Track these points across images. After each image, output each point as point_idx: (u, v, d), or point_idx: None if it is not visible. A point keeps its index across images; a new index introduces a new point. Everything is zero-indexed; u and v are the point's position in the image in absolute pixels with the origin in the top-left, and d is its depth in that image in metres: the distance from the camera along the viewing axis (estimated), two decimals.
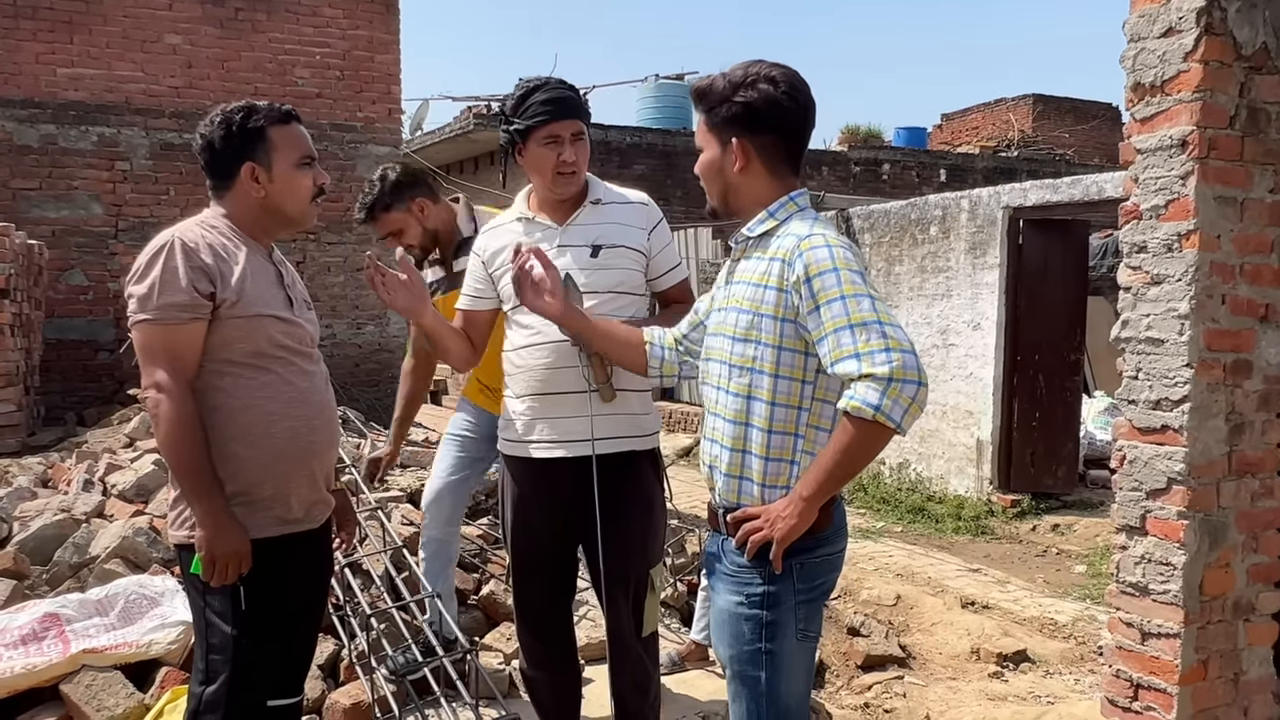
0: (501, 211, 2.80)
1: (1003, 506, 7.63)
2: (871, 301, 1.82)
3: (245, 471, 2.12)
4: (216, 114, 2.20)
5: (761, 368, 1.95)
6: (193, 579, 2.12)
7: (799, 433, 1.94)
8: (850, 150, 15.35)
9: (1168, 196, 2.43)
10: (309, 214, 2.29)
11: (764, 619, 1.95)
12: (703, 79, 2.04)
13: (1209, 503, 2.45)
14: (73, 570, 3.61)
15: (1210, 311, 2.42)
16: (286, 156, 2.20)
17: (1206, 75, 2.34)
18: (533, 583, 2.65)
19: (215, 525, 2.04)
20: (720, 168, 2.01)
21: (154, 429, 2.11)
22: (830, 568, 2.03)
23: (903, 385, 1.76)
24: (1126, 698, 2.56)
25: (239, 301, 2.11)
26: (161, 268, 2.06)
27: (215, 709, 2.11)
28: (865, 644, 4.69)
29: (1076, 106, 19.13)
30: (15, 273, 6.61)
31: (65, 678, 2.87)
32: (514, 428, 2.58)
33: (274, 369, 2.16)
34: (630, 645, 2.59)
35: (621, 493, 2.50)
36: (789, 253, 1.90)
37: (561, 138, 2.47)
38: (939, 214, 8.26)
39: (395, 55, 9.65)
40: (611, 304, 2.51)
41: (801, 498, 1.88)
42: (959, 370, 8.03)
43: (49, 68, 8.48)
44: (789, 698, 1.99)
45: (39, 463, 5.71)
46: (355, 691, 3.07)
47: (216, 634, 2.12)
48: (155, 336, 2.07)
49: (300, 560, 2.24)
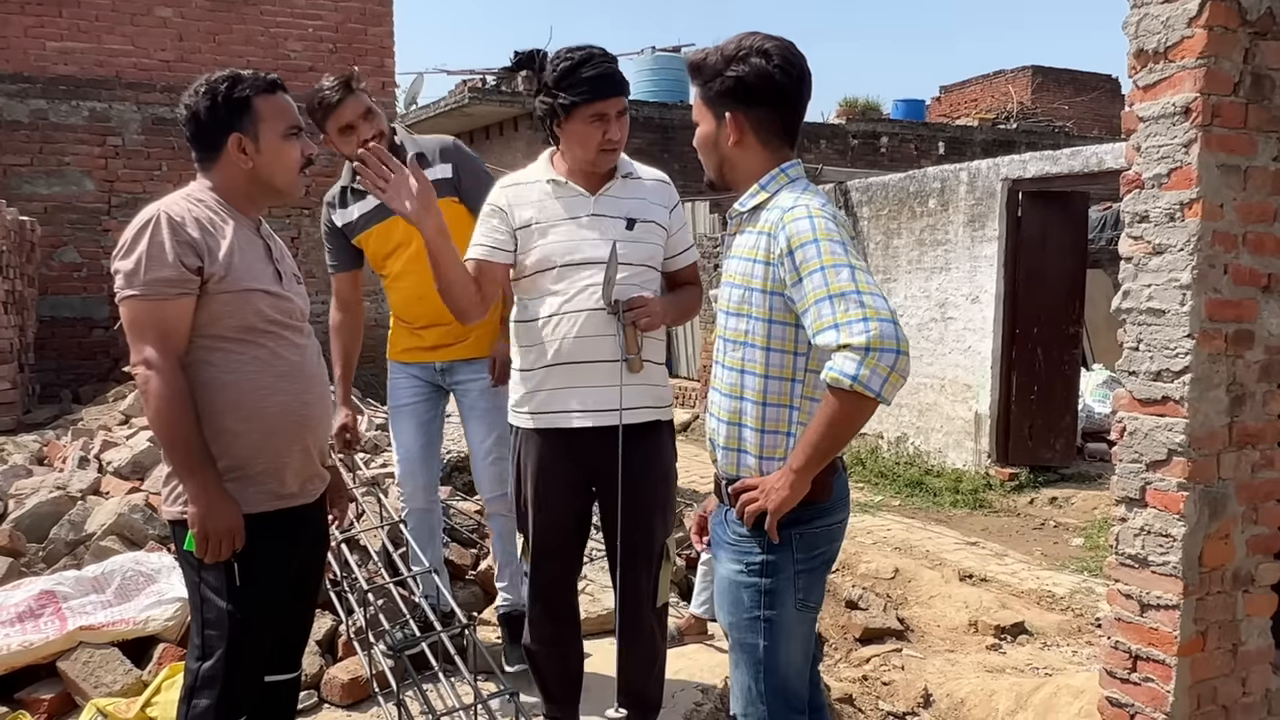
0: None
1: (1001, 480, 7.64)
2: (851, 271, 1.81)
3: (237, 446, 2.10)
4: (201, 84, 2.15)
5: (753, 341, 1.97)
6: (186, 555, 2.10)
7: (793, 404, 1.97)
8: (848, 123, 15.25)
9: (1170, 165, 2.40)
10: (297, 185, 2.25)
11: (763, 587, 1.99)
12: (697, 52, 2.03)
13: (1209, 474, 2.44)
14: (69, 547, 3.60)
15: (1212, 281, 2.40)
16: (273, 127, 2.16)
17: (1211, 41, 2.31)
18: (552, 561, 2.62)
19: (207, 501, 2.02)
20: (716, 141, 2.01)
21: (144, 405, 2.08)
22: (830, 538, 2.05)
23: (880, 354, 1.76)
24: (1125, 669, 2.56)
25: (227, 276, 2.08)
26: (148, 242, 2.03)
27: (212, 684, 2.10)
28: (864, 617, 4.70)
29: (1076, 78, 19.00)
30: (7, 250, 6.56)
31: (63, 655, 2.87)
32: (534, 400, 2.53)
33: (264, 343, 2.13)
34: (645, 616, 2.60)
35: (647, 462, 2.52)
36: (773, 226, 1.92)
37: (608, 115, 2.44)
38: (937, 186, 8.22)
39: (389, 28, 9.55)
40: (641, 277, 2.51)
41: (792, 470, 1.90)
42: (957, 343, 8.01)
43: (38, 41, 8.39)
44: (787, 667, 2.02)
45: (34, 440, 5.69)
46: (353, 666, 3.07)
47: (212, 609, 2.11)
48: (143, 312, 2.04)
49: (295, 535, 2.23)
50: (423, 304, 3.03)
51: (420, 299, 3.04)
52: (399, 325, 3.23)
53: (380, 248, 3.16)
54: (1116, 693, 2.59)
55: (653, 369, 2.55)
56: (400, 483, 3.30)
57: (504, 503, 3.22)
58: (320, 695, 3.04)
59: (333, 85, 2.97)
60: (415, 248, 3.04)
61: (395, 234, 3.10)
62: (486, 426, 3.17)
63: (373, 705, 3.00)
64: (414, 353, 3.20)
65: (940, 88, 20.47)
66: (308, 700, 2.97)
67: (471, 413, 3.19)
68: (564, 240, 2.48)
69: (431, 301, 3.01)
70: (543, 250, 2.49)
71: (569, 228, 2.49)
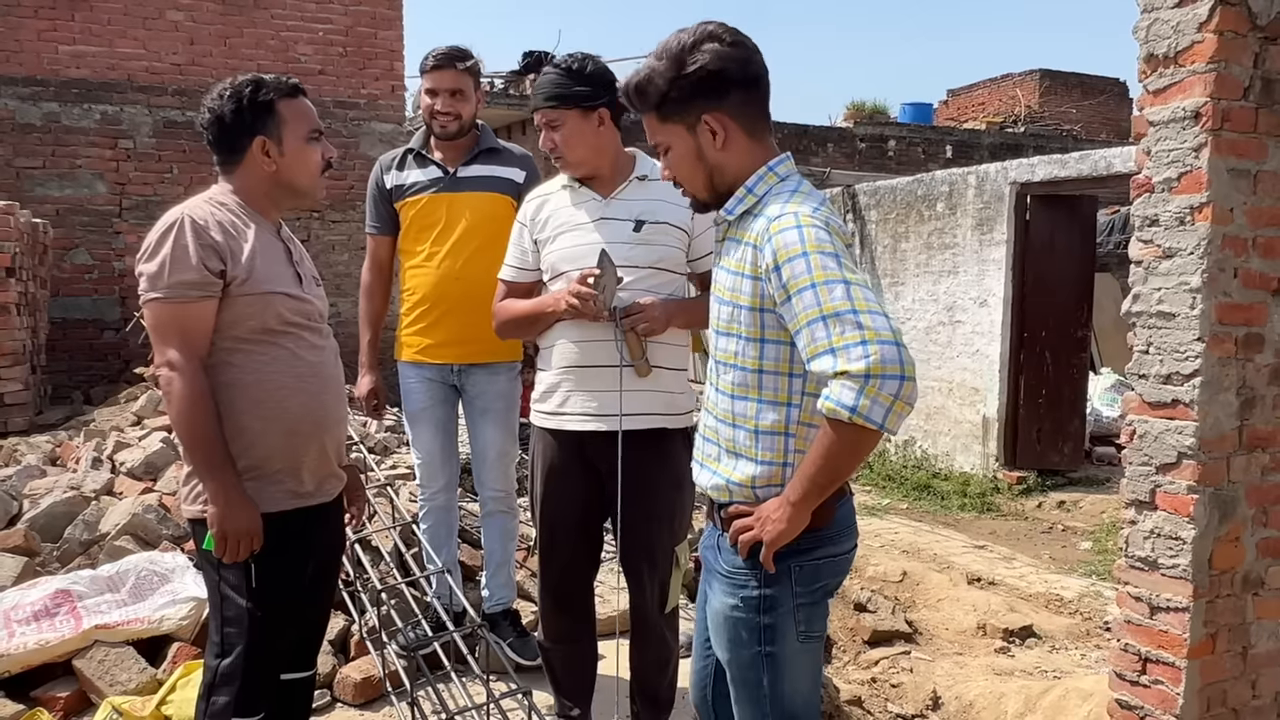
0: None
1: (1009, 483, 7.64)
2: (846, 288, 1.63)
3: (258, 445, 2.13)
4: (225, 87, 2.18)
5: (744, 364, 1.81)
6: (206, 553, 2.13)
7: (789, 431, 1.80)
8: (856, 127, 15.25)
9: (1180, 169, 2.41)
10: (318, 187, 2.29)
11: (762, 624, 1.84)
12: (631, 77, 1.84)
13: (1219, 477, 2.45)
14: (83, 547, 3.63)
15: (1222, 285, 2.40)
16: (296, 130, 2.20)
17: (1220, 46, 2.32)
18: (559, 556, 2.66)
19: (227, 502, 2.05)
20: (699, 154, 1.83)
21: (166, 406, 2.12)
22: (834, 570, 1.88)
23: (882, 381, 1.58)
24: (1134, 671, 2.57)
25: (249, 279, 2.11)
26: (172, 245, 2.06)
27: (231, 681, 2.13)
28: (872, 620, 4.71)
29: (1084, 82, 18.96)
30: (20, 251, 6.60)
31: (78, 653, 2.89)
32: (549, 400, 2.59)
33: (284, 344, 2.16)
34: (654, 621, 2.62)
35: (650, 469, 2.52)
36: (759, 236, 1.74)
37: (544, 125, 2.52)
38: (946, 190, 8.22)
39: (398, 31, 9.58)
40: (650, 280, 2.51)
41: (789, 502, 1.74)
42: (965, 347, 8.02)
43: (51, 45, 8.43)
44: (795, 699, 1.87)
45: (47, 441, 5.72)
46: (366, 666, 3.09)
47: (232, 607, 2.14)
48: (167, 314, 2.07)
49: (312, 534, 2.25)
50: (458, 284, 3.09)
51: (456, 279, 3.10)
52: (413, 318, 3.22)
53: (420, 220, 3.17)
54: (1126, 695, 2.60)
55: (666, 375, 2.54)
56: (421, 484, 3.33)
57: (506, 500, 3.25)
58: (333, 694, 3.06)
59: (439, 53, 3.11)
60: (459, 232, 3.12)
61: (439, 211, 3.14)
62: (498, 428, 3.20)
63: (385, 704, 3.02)
64: (429, 351, 3.20)
65: (948, 91, 20.45)
66: (320, 699, 2.98)
67: (485, 415, 3.21)
68: (570, 247, 2.53)
69: (463, 286, 3.05)
70: (552, 257, 2.56)
71: (577, 234, 2.53)
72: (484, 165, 3.17)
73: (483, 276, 2.89)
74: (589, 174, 2.56)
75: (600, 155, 2.54)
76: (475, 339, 3.10)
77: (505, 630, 3.25)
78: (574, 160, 2.53)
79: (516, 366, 3.27)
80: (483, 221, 3.11)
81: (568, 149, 2.51)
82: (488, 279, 2.76)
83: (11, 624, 2.92)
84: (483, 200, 3.14)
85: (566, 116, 2.49)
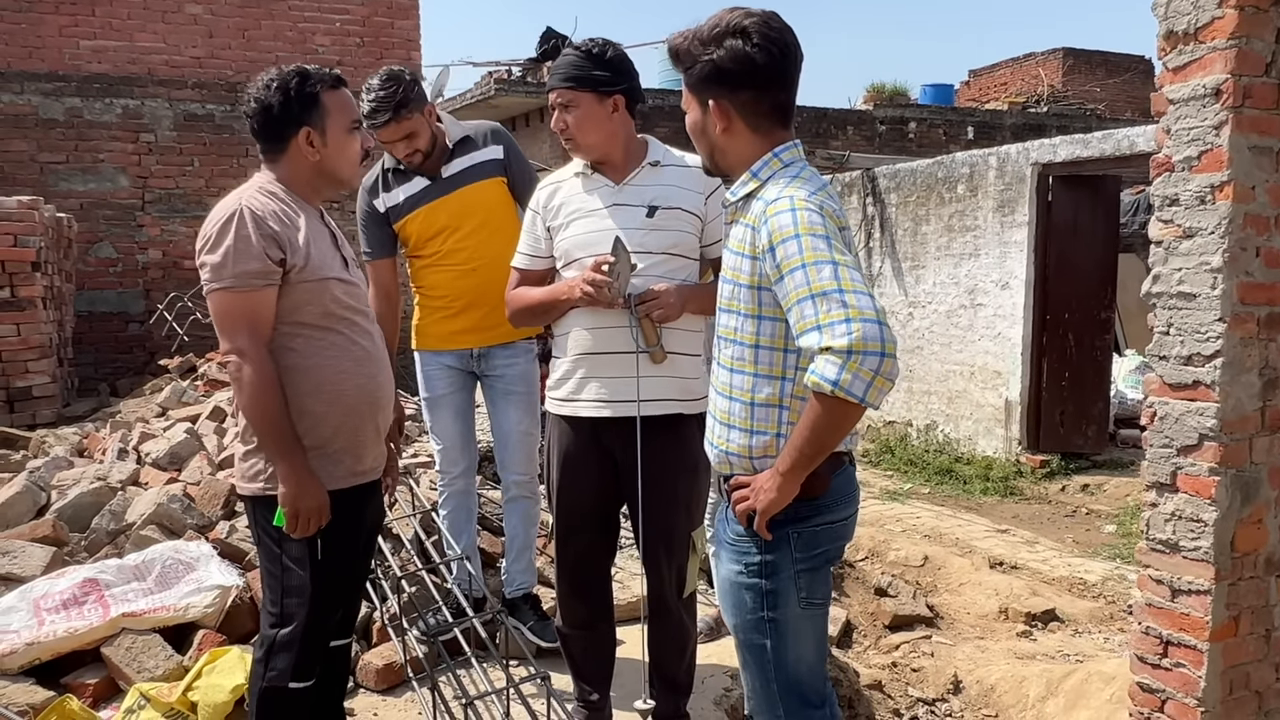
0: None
1: (1031, 467, 7.59)
2: (834, 268, 1.71)
3: (320, 426, 2.21)
4: (271, 78, 2.23)
5: (742, 339, 1.90)
6: (265, 528, 2.22)
7: (783, 404, 1.88)
8: (876, 109, 15.11)
9: (1201, 148, 2.38)
10: (358, 176, 2.39)
11: (763, 588, 1.92)
12: (676, 36, 1.92)
13: (1241, 458, 2.42)
14: (110, 537, 3.68)
15: (1244, 265, 2.37)
16: (339, 121, 2.27)
17: (1241, 21, 2.28)
18: (576, 541, 2.68)
19: (298, 482, 2.14)
20: (704, 129, 1.93)
21: (236, 393, 2.19)
22: (833, 536, 1.96)
23: (864, 357, 1.66)
24: (1156, 654, 2.56)
25: (306, 266, 2.18)
26: (234, 236, 2.11)
27: (289, 648, 2.23)
28: (893, 604, 4.71)
29: (1108, 60, 18.69)
30: (45, 246, 6.68)
31: (106, 640, 2.94)
32: (565, 386, 2.60)
33: (340, 329, 2.25)
34: (672, 606, 2.63)
35: (666, 455, 2.52)
36: (757, 218, 1.83)
37: (555, 105, 2.53)
38: (966, 172, 8.15)
39: (415, 21, 9.61)
40: (664, 266, 2.51)
41: (779, 473, 1.82)
42: (987, 330, 7.96)
43: (72, 40, 8.52)
44: (798, 665, 1.95)
45: (74, 433, 5.81)
46: (387, 652, 3.12)
47: (294, 578, 2.23)
48: (233, 303, 2.13)
49: (366, 509, 2.36)
50: (475, 276, 3.11)
51: (473, 271, 3.12)
52: (432, 311, 3.24)
53: (425, 230, 3.18)
54: (1148, 678, 2.59)
55: (681, 360, 2.55)
56: (441, 470, 3.36)
57: (529, 485, 3.26)
58: (356, 680, 3.09)
59: (381, 103, 2.97)
60: (466, 230, 3.13)
61: (440, 218, 3.15)
62: (521, 409, 3.23)
63: (407, 690, 3.05)
64: (450, 338, 3.22)
65: (969, 72, 20.24)
66: None
67: (507, 397, 3.23)
68: (582, 233, 2.53)
69: (480, 277, 3.07)
70: (565, 244, 2.56)
71: (589, 220, 2.53)
72: (463, 158, 3.17)
73: (496, 261, 2.91)
74: (599, 159, 2.56)
75: (611, 141, 2.54)
76: (495, 325, 3.11)
77: (525, 614, 3.27)
78: (584, 144, 2.53)
79: (534, 344, 3.29)
80: (484, 210, 3.14)
81: (579, 132, 2.51)
82: (501, 263, 2.78)
83: (41, 612, 2.97)
84: (477, 190, 3.16)
85: (581, 99, 2.49)
